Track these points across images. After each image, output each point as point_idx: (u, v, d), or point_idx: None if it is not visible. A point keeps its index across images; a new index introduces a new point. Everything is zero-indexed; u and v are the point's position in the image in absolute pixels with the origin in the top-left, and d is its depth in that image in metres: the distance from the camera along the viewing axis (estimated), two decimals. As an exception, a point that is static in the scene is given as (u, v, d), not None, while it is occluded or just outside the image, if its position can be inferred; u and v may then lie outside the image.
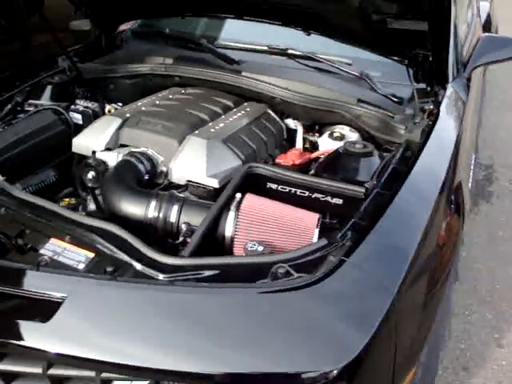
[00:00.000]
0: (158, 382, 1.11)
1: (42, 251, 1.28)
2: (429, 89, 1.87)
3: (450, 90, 1.97)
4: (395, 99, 1.90)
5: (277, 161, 1.73)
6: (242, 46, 2.16)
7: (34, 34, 2.90)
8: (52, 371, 1.13)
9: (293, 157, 1.70)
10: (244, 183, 1.48)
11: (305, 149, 1.96)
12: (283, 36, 2.16)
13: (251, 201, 1.39)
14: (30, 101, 1.95)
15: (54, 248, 1.29)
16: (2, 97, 1.90)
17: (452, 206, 1.60)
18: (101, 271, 1.21)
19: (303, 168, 1.71)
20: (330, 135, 1.87)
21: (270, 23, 1.99)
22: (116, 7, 2.20)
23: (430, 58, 1.71)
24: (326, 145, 1.84)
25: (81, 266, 1.24)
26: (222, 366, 1.04)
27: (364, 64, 2.02)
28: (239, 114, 1.84)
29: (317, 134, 1.97)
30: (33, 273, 1.21)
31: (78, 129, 1.90)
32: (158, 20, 2.41)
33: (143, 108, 1.84)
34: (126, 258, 1.24)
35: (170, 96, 1.96)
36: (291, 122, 1.96)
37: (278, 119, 1.94)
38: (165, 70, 2.05)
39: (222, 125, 1.74)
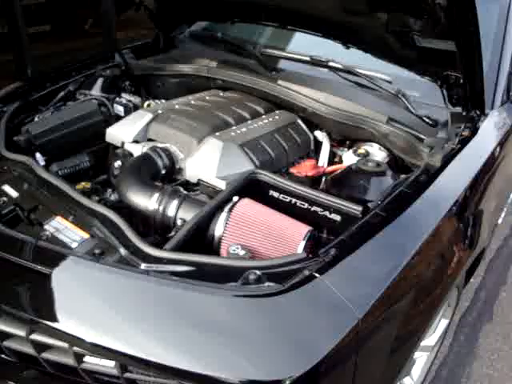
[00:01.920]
0: (125, 365, 1.19)
1: (46, 226, 1.40)
2: (464, 113, 1.79)
3: (492, 116, 1.87)
4: (429, 121, 1.83)
5: (290, 170, 1.74)
6: (286, 54, 2.18)
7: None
8: (34, 336, 1.24)
9: (306, 168, 1.71)
10: (246, 188, 1.51)
11: (333, 162, 1.95)
12: (329, 48, 2.16)
13: (245, 205, 1.42)
14: (82, 90, 2.12)
15: (57, 225, 1.40)
16: (58, 84, 2.08)
17: (460, 236, 1.52)
18: (89, 252, 1.31)
19: (316, 180, 1.71)
20: (355, 151, 1.84)
21: (311, 34, 2.00)
22: (174, 9, 2.32)
23: (461, 81, 1.63)
24: (350, 160, 1.82)
25: (74, 245, 1.34)
26: (174, 360, 1.08)
27: (404, 82, 1.96)
28: (265, 121, 1.87)
29: (345, 149, 1.95)
30: (32, 245, 1.33)
31: (119, 120, 2.03)
32: (217, 24, 2.50)
33: (177, 106, 1.94)
34: (115, 243, 1.32)
35: (207, 97, 2.04)
36: (319, 134, 1.95)
37: (306, 130, 1.94)
38: (207, 72, 2.13)
39: (244, 129, 1.78)
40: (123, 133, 1.84)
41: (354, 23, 1.81)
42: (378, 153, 1.86)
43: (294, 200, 1.51)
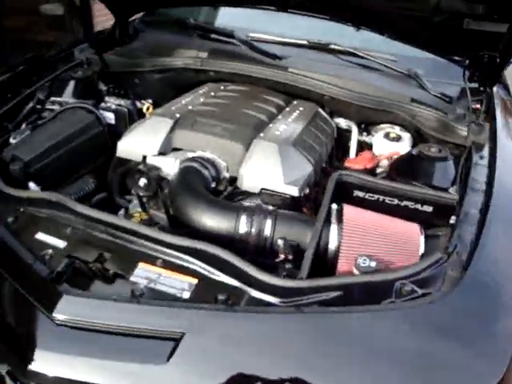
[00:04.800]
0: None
1: (132, 278, 1.11)
2: (481, 89, 1.83)
3: (497, 92, 1.95)
4: (445, 98, 1.85)
5: (346, 164, 1.63)
6: (278, 39, 2.01)
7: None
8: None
9: (364, 161, 1.60)
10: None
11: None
12: (317, 30, 2.05)
13: (352, 212, 1.29)
14: (52, 98, 1.72)
15: (147, 274, 1.12)
16: (23, 94, 1.65)
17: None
18: (210, 300, 1.07)
19: (372, 172, 1.63)
20: (386, 136, 1.78)
21: (317, 17, 1.86)
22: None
23: (498, 60, 1.66)
24: (383, 146, 1.76)
25: (185, 295, 1.08)
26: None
27: (408, 61, 1.95)
28: (295, 115, 1.71)
29: (364, 133, 1.88)
30: (134, 306, 1.04)
31: (110, 130, 1.70)
32: (173, 9, 2.20)
33: (190, 107, 1.67)
34: (234, 282, 1.11)
35: (212, 93, 1.79)
36: (342, 122, 1.85)
37: (328, 118, 1.83)
38: (200, 65, 1.87)
39: (284, 127, 1.60)
40: (143, 145, 1.53)
41: (367, 4, 1.71)
42: (403, 134, 1.83)
43: (381, 197, 1.40)
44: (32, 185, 1.45)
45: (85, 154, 1.58)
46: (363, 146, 1.86)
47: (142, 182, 1.51)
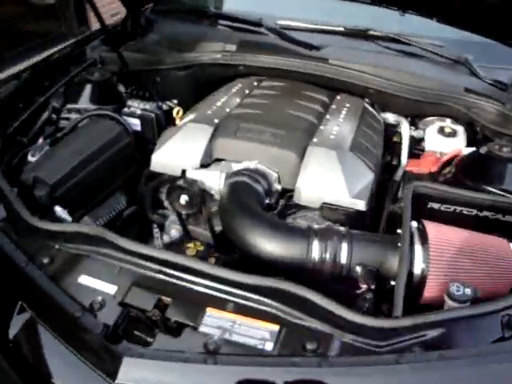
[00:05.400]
0: None
1: (202, 329, 0.94)
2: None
3: None
4: (499, 86, 1.68)
5: (408, 168, 1.46)
6: (309, 26, 1.81)
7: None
8: None
9: (428, 164, 1.44)
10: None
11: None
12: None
13: (435, 230, 1.13)
14: (68, 105, 1.51)
15: (218, 322, 0.95)
16: (36, 103, 1.44)
17: None
18: (298, 350, 0.91)
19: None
20: (441, 131, 1.62)
21: (360, 2, 1.66)
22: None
23: None
24: (437, 142, 1.59)
25: (268, 346, 0.92)
26: None
27: (452, 46, 1.78)
28: (344, 113, 1.53)
29: (412, 127, 1.72)
30: (213, 366, 0.88)
31: (137, 137, 1.51)
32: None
33: (227, 109, 1.48)
34: (321, 326, 0.94)
35: (247, 91, 1.61)
36: (391, 116, 1.68)
37: (376, 114, 1.65)
38: (231, 59, 1.67)
39: (336, 128, 1.43)
40: (181, 157, 1.35)
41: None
42: (457, 128, 1.66)
43: (458, 208, 1.25)
44: (58, 209, 1.27)
45: (114, 168, 1.40)
46: (411, 142, 1.70)
47: (184, 199, 1.34)
